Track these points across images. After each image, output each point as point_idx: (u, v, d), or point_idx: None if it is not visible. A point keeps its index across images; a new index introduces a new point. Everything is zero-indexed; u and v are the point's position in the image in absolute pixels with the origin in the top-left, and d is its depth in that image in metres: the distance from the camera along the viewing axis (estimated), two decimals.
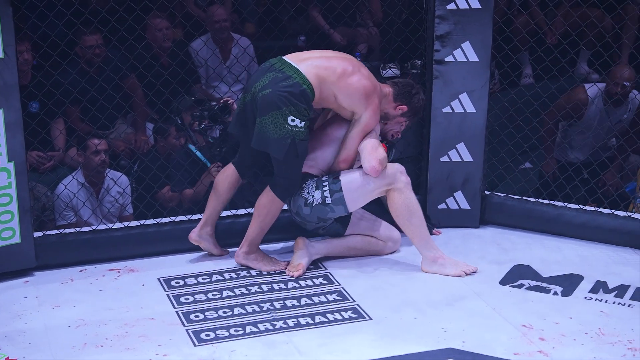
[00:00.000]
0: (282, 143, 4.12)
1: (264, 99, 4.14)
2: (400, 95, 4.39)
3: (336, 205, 4.29)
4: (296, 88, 4.12)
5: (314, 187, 4.30)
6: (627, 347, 3.73)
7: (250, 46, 5.98)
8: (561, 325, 3.90)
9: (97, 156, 5.15)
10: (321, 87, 4.19)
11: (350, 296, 4.17)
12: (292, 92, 4.12)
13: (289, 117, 4.11)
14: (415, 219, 4.30)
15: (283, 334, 3.84)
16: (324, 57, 4.28)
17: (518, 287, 4.27)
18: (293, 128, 4.12)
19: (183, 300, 4.15)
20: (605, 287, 4.26)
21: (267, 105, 4.13)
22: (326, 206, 4.29)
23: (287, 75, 4.15)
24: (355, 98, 4.24)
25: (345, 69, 4.23)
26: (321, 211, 4.31)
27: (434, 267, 4.34)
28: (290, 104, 4.11)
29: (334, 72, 4.21)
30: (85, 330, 3.88)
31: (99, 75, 5.11)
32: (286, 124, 4.11)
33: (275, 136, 4.12)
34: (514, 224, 4.89)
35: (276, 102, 4.11)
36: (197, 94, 5.86)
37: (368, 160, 4.25)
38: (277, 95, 4.12)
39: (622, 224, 4.69)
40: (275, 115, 4.11)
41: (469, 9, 4.63)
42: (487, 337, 3.80)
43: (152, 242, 4.60)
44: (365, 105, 4.25)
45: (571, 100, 5.58)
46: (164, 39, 5.70)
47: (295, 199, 4.35)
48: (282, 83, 4.14)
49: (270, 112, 4.12)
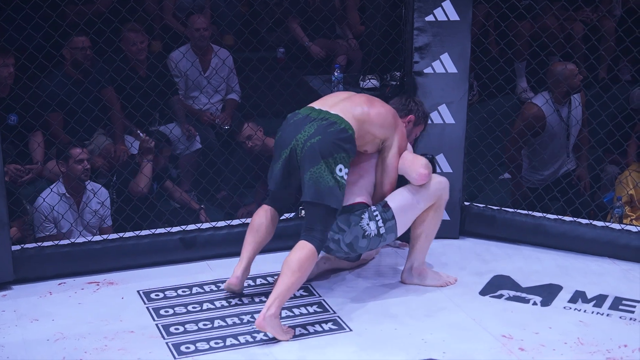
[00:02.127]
0: (336, 192, 3.94)
1: (312, 148, 3.93)
2: (401, 110, 4.33)
3: (388, 234, 4.19)
4: (344, 133, 3.99)
5: (368, 219, 4.17)
6: (606, 357, 3.75)
7: (230, 57, 5.99)
8: (540, 335, 3.92)
9: (80, 165, 5.14)
10: (359, 128, 4.07)
11: (331, 307, 4.18)
12: (343, 138, 3.99)
13: (338, 165, 3.96)
14: (432, 231, 4.29)
15: (263, 347, 3.84)
16: (345, 99, 4.16)
17: (498, 298, 4.29)
18: (340, 178, 3.96)
19: (163, 312, 4.15)
20: (584, 296, 4.29)
21: (319, 153, 3.93)
22: (380, 237, 4.18)
23: (333, 122, 4.00)
24: (387, 125, 4.15)
25: (367, 101, 4.14)
26: (375, 242, 4.20)
27: (415, 279, 4.36)
28: (343, 150, 3.97)
29: (363, 109, 4.10)
30: (64, 344, 3.86)
31: (79, 85, 5.11)
32: (334, 173, 3.95)
33: (329, 185, 3.93)
34: (493, 235, 4.92)
35: (329, 149, 3.94)
36: (175, 105, 5.88)
37: (414, 170, 4.17)
38: (330, 142, 3.95)
39: (601, 234, 4.72)
40: (328, 162, 3.94)
41: (448, 21, 4.66)
42: (467, 348, 3.82)
43: (132, 254, 4.58)
44: (395, 129, 4.18)
45: (526, 118, 5.60)
46: (138, 52, 5.69)
47: (353, 230, 4.13)
48: (330, 129, 3.97)
49: (323, 160, 3.94)
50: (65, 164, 5.16)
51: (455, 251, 4.79)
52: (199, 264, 4.64)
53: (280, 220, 4.37)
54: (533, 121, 5.53)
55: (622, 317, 4.08)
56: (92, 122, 5.21)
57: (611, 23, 6.62)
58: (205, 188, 5.32)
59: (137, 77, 5.12)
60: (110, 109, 5.41)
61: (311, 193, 3.94)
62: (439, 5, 4.64)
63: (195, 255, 4.67)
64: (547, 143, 5.74)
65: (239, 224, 4.78)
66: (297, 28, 6.45)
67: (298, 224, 4.76)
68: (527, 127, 5.47)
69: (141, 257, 4.60)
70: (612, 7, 6.88)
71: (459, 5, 4.63)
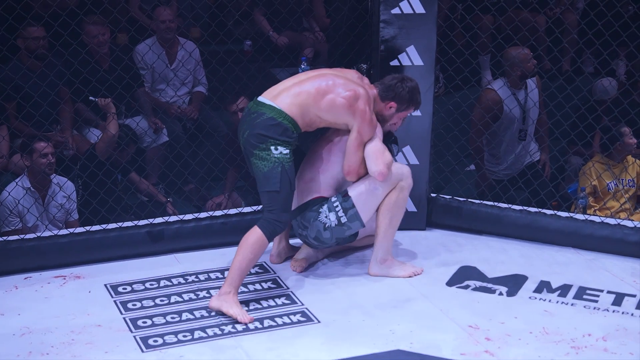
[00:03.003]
0: (274, 173, 4.03)
1: (246, 143, 4.08)
2: (384, 93, 4.26)
3: (352, 222, 4.23)
4: (271, 121, 4.05)
5: (327, 210, 4.23)
6: (571, 346, 3.78)
7: (196, 50, 5.95)
8: (506, 325, 3.94)
9: (44, 158, 5.07)
10: (302, 114, 4.10)
11: (299, 299, 4.17)
12: (269, 126, 4.04)
13: (271, 147, 4.03)
14: (395, 219, 4.30)
15: (232, 339, 3.83)
16: (297, 84, 4.18)
17: (464, 288, 4.31)
18: (279, 155, 4.03)
19: (130, 306, 4.11)
20: (549, 286, 4.32)
21: (251, 147, 4.07)
22: (343, 226, 4.23)
23: (261, 113, 4.08)
24: (339, 112, 4.14)
25: (318, 87, 4.13)
26: (339, 232, 4.25)
27: (382, 270, 4.36)
28: (271, 138, 4.03)
29: (309, 95, 4.12)
30: (31, 339, 3.82)
31: (38, 76, 5.06)
32: (271, 153, 4.03)
33: (265, 170, 4.04)
34: (459, 226, 4.94)
35: (257, 140, 4.04)
36: (141, 98, 5.83)
37: (375, 165, 4.18)
38: (254, 135, 4.05)
39: (565, 224, 4.76)
40: (258, 152, 4.04)
41: (413, 14, 4.66)
42: (434, 338, 3.83)
43: (99, 248, 4.55)
44: (352, 115, 4.15)
45: (484, 103, 5.62)
46: (100, 45, 5.62)
47: (313, 225, 4.24)
48: (257, 121, 4.06)
49: (254, 152, 4.05)
50: (29, 157, 5.09)
51: (422, 242, 4.80)
52: (167, 257, 4.61)
53: (248, 212, 4.37)
54: (491, 104, 5.54)
55: (586, 307, 4.12)
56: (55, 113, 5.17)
57: (574, 16, 6.67)
58: (173, 181, 5.29)
59: (102, 70, 5.07)
60: (64, 104, 5.36)
61: (258, 183, 4.09)
62: None
63: (162, 248, 4.64)
64: (507, 127, 5.76)
65: (206, 217, 4.76)
66: (264, 20, 6.42)
67: None
68: (486, 112, 5.49)
69: (108, 250, 4.57)
70: (575, 0, 6.93)
71: None
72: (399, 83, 4.25)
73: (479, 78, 6.41)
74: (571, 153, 5.61)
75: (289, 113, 4.07)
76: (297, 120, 4.09)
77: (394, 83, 4.25)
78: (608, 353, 3.72)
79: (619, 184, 5.70)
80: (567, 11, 6.69)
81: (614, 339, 3.83)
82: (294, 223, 4.34)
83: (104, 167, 5.07)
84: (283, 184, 4.03)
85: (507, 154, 5.85)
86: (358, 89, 4.16)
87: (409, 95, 4.27)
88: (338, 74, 4.23)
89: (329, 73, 4.23)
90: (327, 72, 4.25)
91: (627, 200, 5.71)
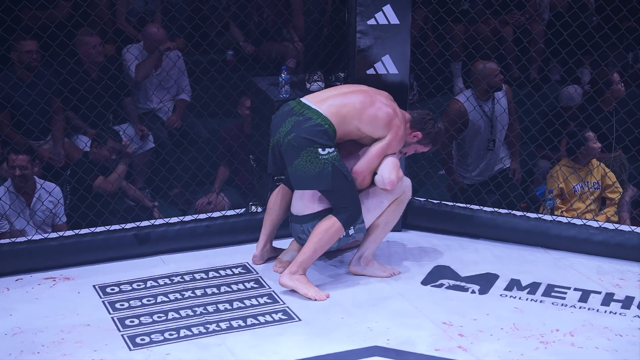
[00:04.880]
0: (324, 173, 4.07)
1: (289, 144, 4.10)
2: (415, 123, 4.32)
3: (357, 233, 4.27)
4: (318, 127, 4.07)
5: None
6: (540, 341, 3.82)
7: (181, 59, 5.95)
8: (479, 322, 3.97)
9: (13, 171, 5.02)
10: (344, 124, 4.14)
11: (280, 299, 4.18)
12: (316, 132, 4.06)
13: (318, 149, 4.06)
14: (388, 226, 4.34)
15: (216, 337, 3.83)
16: (341, 95, 4.22)
17: (438, 287, 4.33)
18: (327, 156, 4.07)
19: (118, 306, 4.11)
20: (519, 284, 4.35)
21: (295, 150, 4.09)
22: (349, 237, 4.26)
23: (308, 117, 4.09)
24: (379, 126, 4.18)
25: (363, 101, 4.18)
26: (344, 241, 4.28)
27: (362, 269, 4.37)
28: (316, 143, 4.06)
29: (354, 107, 4.16)
30: (22, 338, 3.81)
31: (29, 87, 5.04)
32: (319, 155, 4.06)
33: (314, 172, 4.07)
34: (434, 227, 4.96)
35: (302, 145, 4.06)
36: (128, 106, 5.82)
37: (389, 173, 4.19)
38: (301, 138, 4.07)
39: (534, 225, 4.79)
40: (305, 154, 4.07)
41: (388, 25, 4.68)
42: (410, 335, 3.85)
43: (87, 250, 4.53)
44: (388, 129, 4.19)
45: (449, 115, 5.64)
46: (97, 54, 5.62)
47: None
48: (304, 125, 4.08)
49: (300, 154, 4.08)
50: (5, 165, 5.05)
51: (398, 243, 4.82)
52: (153, 258, 4.60)
53: (232, 215, 4.37)
54: (456, 116, 5.58)
55: (554, 303, 4.15)
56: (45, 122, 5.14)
57: (541, 26, 6.71)
58: (159, 185, 5.28)
59: (90, 79, 5.06)
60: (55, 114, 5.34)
61: (298, 183, 4.15)
62: (379, 10, 4.66)
63: (149, 250, 4.63)
64: (472, 138, 5.79)
65: (191, 220, 4.76)
66: (235, 29, 6.44)
67: (249, 219, 4.77)
68: (451, 124, 5.52)
69: (96, 252, 4.55)
70: (541, 11, 6.98)
71: (398, 9, 4.66)
72: (432, 121, 4.34)
73: (452, 85, 6.44)
74: (539, 157, 5.64)
75: (332, 121, 4.11)
76: (337, 128, 4.13)
77: (428, 119, 4.34)
78: (575, 347, 3.76)
79: (585, 187, 5.75)
80: (534, 21, 6.73)
81: (581, 333, 3.87)
82: (296, 227, 4.32)
83: (92, 172, 5.06)
84: (336, 181, 4.08)
85: (477, 161, 5.87)
86: (396, 108, 4.26)
87: (436, 135, 4.36)
88: (373, 90, 4.30)
89: (370, 90, 4.29)
90: (367, 88, 4.32)
91: (593, 202, 5.76)
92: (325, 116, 4.11)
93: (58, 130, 5.55)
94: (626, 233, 4.65)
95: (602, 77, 5.98)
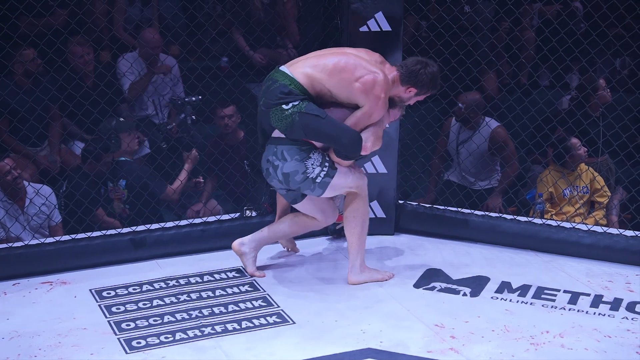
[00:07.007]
0: (294, 124, 4.03)
1: (260, 110, 4.16)
2: (406, 78, 4.15)
3: (319, 188, 4.16)
4: (282, 89, 4.06)
5: (317, 163, 4.13)
6: (530, 342, 3.81)
7: (176, 66, 5.94)
8: (470, 324, 3.96)
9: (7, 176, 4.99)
10: (313, 84, 4.08)
11: (275, 302, 4.17)
12: (278, 93, 4.05)
13: (282, 105, 4.05)
14: (365, 229, 4.30)
15: (211, 340, 3.82)
16: (316, 56, 4.16)
17: (430, 290, 4.33)
18: (292, 109, 4.04)
19: (114, 310, 4.09)
20: (510, 287, 4.35)
21: (265, 114, 4.12)
22: (313, 183, 4.13)
23: (275, 80, 4.10)
24: (353, 93, 4.08)
25: (336, 63, 4.07)
26: (307, 186, 4.15)
27: (363, 277, 4.34)
28: (279, 101, 4.05)
29: (324, 68, 4.07)
30: (19, 342, 3.79)
31: (28, 94, 5.02)
32: (284, 111, 4.04)
33: (285, 126, 4.05)
34: (425, 231, 4.96)
35: (269, 106, 4.08)
36: (123, 113, 5.80)
37: (365, 139, 4.11)
38: (267, 102, 4.10)
39: (524, 228, 4.80)
40: (273, 114, 4.08)
41: (380, 32, 4.69)
42: (402, 337, 3.84)
43: (84, 255, 4.52)
44: (366, 98, 4.06)
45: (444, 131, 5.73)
46: (85, 64, 5.59)
47: (295, 163, 4.12)
48: (271, 89, 4.10)
49: (269, 115, 4.09)
50: None
51: (390, 247, 4.82)
52: (149, 262, 4.59)
53: (226, 220, 4.36)
54: (443, 135, 5.65)
55: (544, 305, 4.15)
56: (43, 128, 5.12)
57: (530, 33, 6.72)
58: None
59: (85, 86, 5.05)
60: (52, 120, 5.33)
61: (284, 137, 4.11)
62: (372, 17, 4.66)
63: (145, 254, 4.62)
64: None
65: (186, 224, 4.75)
66: (240, 38, 6.43)
67: (243, 224, 4.76)
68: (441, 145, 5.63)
69: (93, 257, 4.54)
70: (531, 19, 6.98)
71: (390, 16, 4.66)
72: (422, 69, 4.14)
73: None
74: (529, 161, 5.65)
75: (300, 81, 4.08)
76: (308, 89, 4.08)
77: (417, 69, 4.14)
78: (565, 349, 3.76)
79: (574, 191, 5.75)
80: (524, 29, 6.74)
81: (570, 335, 3.87)
82: (270, 148, 4.20)
83: (88, 178, 5.04)
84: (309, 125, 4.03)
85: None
86: (378, 75, 4.08)
87: (430, 81, 4.17)
88: (360, 55, 4.15)
89: (352, 53, 4.16)
90: (350, 51, 4.19)
91: (582, 206, 5.77)
92: (293, 77, 4.08)
93: (55, 136, 5.54)
94: (614, 236, 4.66)
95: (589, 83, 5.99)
